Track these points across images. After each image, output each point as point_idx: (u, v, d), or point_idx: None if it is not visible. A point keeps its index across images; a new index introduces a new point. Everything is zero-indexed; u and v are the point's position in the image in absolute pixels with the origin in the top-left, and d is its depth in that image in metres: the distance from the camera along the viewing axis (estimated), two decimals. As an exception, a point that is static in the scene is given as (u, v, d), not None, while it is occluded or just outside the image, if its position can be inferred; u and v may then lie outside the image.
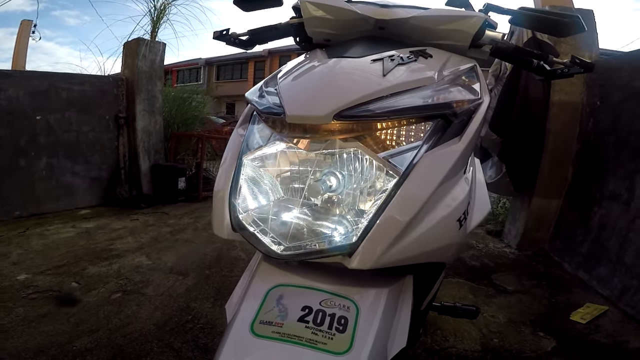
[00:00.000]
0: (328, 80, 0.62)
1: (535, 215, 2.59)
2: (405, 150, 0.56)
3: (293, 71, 0.68)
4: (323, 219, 0.57)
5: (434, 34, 0.79)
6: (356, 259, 0.52)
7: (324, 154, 0.58)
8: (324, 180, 0.58)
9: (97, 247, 2.55)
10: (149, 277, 2.08)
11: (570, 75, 0.87)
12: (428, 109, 0.58)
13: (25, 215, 3.21)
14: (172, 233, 2.92)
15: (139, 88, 3.87)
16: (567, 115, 2.48)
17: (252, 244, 0.58)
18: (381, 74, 0.61)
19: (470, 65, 0.73)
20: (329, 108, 0.53)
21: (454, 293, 1.99)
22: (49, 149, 3.42)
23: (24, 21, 6.49)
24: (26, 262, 2.25)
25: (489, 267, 2.39)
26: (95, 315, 1.66)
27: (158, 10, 4.09)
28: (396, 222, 0.52)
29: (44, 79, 3.42)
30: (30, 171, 3.30)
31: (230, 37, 0.99)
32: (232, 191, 0.61)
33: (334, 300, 0.56)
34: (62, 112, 3.49)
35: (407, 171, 0.54)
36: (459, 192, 0.60)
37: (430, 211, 0.55)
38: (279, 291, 0.58)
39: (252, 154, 0.62)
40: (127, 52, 3.98)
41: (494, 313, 1.78)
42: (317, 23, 0.85)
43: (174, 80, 13.41)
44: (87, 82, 3.69)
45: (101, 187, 3.79)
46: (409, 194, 0.53)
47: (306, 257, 0.55)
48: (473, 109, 0.63)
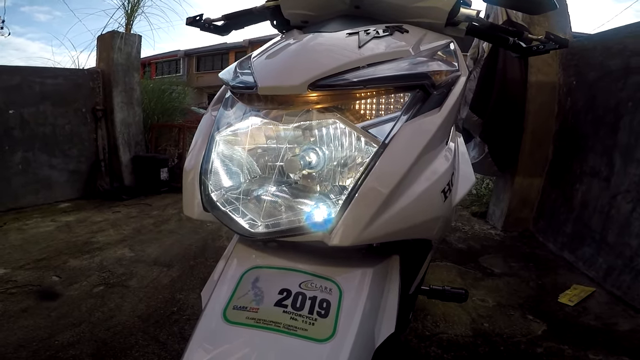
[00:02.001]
0: (303, 52, 0.60)
1: (519, 195, 2.63)
2: (384, 121, 0.55)
3: (268, 50, 0.66)
4: (301, 196, 0.54)
5: (410, 12, 0.78)
6: (337, 235, 0.49)
7: (301, 127, 0.55)
8: (302, 155, 0.55)
9: (78, 240, 2.49)
10: (132, 269, 2.04)
11: (546, 51, 0.88)
12: (406, 79, 0.56)
13: (2, 210, 3.12)
14: (155, 224, 2.87)
15: (116, 80, 3.80)
16: (544, 95, 2.51)
17: (225, 223, 0.55)
18: (356, 46, 0.59)
19: (447, 41, 0.72)
20: (303, 77, 0.51)
21: (442, 277, 2.00)
22: (24, 142, 3.33)
23: None
24: (4, 257, 2.19)
25: (476, 249, 2.41)
26: (77, 309, 1.62)
27: (132, 3, 4.01)
28: (377, 193, 0.49)
29: (15, 74, 3.33)
30: (5, 165, 3.20)
31: (204, 23, 0.96)
32: (204, 169, 0.58)
33: (314, 281, 0.53)
34: (36, 106, 3.40)
35: (387, 141, 0.52)
36: (442, 162, 0.58)
37: (412, 182, 0.52)
38: (254, 274, 0.55)
39: (225, 131, 0.59)
40: (102, 46, 3.91)
41: (482, 297, 1.78)
42: (293, 4, 0.84)
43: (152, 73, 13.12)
44: (60, 76, 3.61)
45: (81, 179, 3.70)
46: (389, 164, 0.51)
47: (283, 235, 0.52)
48: (451, 81, 0.62)
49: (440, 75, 0.60)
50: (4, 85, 3.22)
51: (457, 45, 0.74)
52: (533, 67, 2.47)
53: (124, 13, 4.06)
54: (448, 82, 0.61)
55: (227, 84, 0.62)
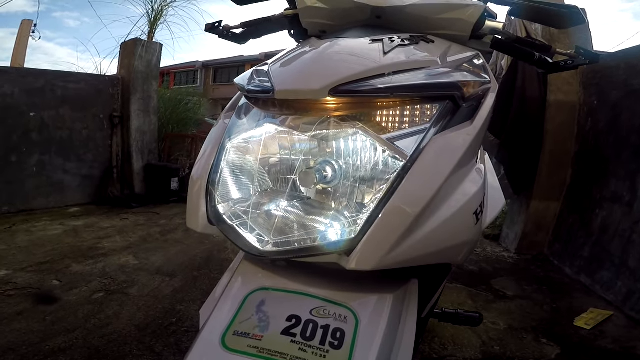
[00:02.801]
0: (323, 57, 0.55)
1: (534, 219, 2.53)
2: (411, 133, 0.50)
3: (285, 56, 0.62)
4: (315, 213, 0.49)
5: (433, 24, 0.75)
6: (355, 258, 0.44)
7: (318, 137, 0.51)
8: (317, 169, 0.50)
9: (83, 245, 2.48)
10: (134, 277, 2.01)
11: (575, 67, 0.83)
12: (435, 88, 0.52)
13: (13, 211, 3.16)
14: (162, 233, 2.85)
15: (135, 88, 3.85)
16: (564, 115, 2.43)
17: (231, 239, 0.50)
18: (381, 53, 0.55)
19: (474, 53, 0.68)
20: (324, 82, 0.46)
21: (452, 299, 1.92)
22: (42, 145, 3.39)
23: (24, 21, 6.56)
24: (8, 258, 2.19)
25: (488, 272, 2.32)
26: (74, 314, 1.59)
27: (155, 12, 4.11)
28: (404, 214, 0.44)
29: (40, 77, 3.42)
30: (21, 167, 3.26)
31: (223, 30, 0.94)
32: (211, 179, 0.53)
33: (328, 308, 0.47)
34: (56, 110, 3.47)
35: (415, 155, 0.47)
36: (474, 181, 0.53)
37: (443, 203, 0.47)
38: (260, 296, 0.49)
39: (237, 139, 0.55)
40: (124, 52, 3.98)
41: (494, 319, 1.71)
42: (311, 13, 0.81)
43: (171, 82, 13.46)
44: (82, 81, 3.68)
45: (93, 185, 3.74)
46: (417, 181, 0.46)
47: (294, 255, 0.47)
48: (482, 94, 0.58)
49: (470, 86, 0.55)
50: (28, 88, 3.30)
51: (483, 57, 0.70)
52: (552, 85, 2.40)
53: (147, 21, 4.17)
54: (479, 94, 0.57)
55: (243, 88, 0.58)
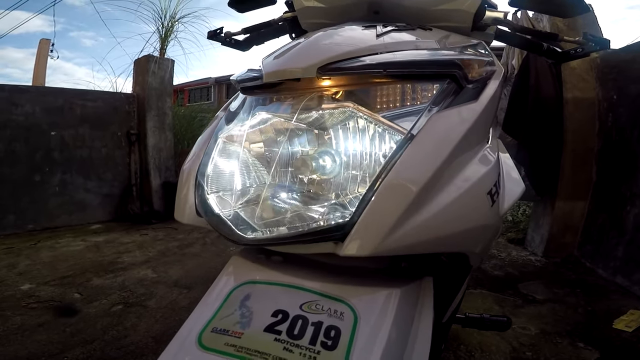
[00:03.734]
0: (313, 39, 0.54)
1: (561, 220, 2.43)
2: (409, 112, 0.47)
3: (280, 49, 0.61)
4: (312, 203, 0.46)
5: (433, 16, 0.74)
6: (349, 242, 0.39)
7: (314, 123, 0.48)
8: (314, 157, 0.48)
9: (104, 260, 2.51)
10: (152, 289, 2.02)
11: (585, 54, 0.80)
12: (433, 65, 0.48)
13: (38, 228, 3.24)
14: (180, 247, 2.87)
15: (150, 105, 3.90)
16: (583, 112, 2.35)
17: (215, 228, 0.46)
18: (374, 35, 0.53)
19: (476, 41, 0.66)
20: (312, 60, 0.45)
21: (477, 305, 1.84)
22: (63, 164, 3.46)
23: (42, 40, 6.60)
24: (32, 272, 2.24)
25: (514, 276, 2.23)
26: (93, 326, 1.59)
27: (166, 28, 4.17)
28: (404, 191, 0.40)
29: (58, 95, 3.50)
30: (45, 187, 3.34)
31: (225, 37, 0.95)
32: (201, 171, 0.51)
33: (321, 302, 0.42)
34: (75, 128, 3.54)
35: (415, 130, 0.43)
36: (484, 161, 0.49)
37: (450, 181, 0.43)
38: (246, 289, 0.45)
39: (229, 130, 0.53)
40: (138, 69, 4.03)
41: (524, 324, 1.62)
42: (310, 13, 0.82)
43: (185, 100, 13.73)
44: (100, 99, 3.74)
45: (113, 203, 3.80)
46: (418, 155, 0.41)
47: (283, 242, 0.43)
48: (487, 75, 0.54)
49: (473, 67, 0.51)
50: (48, 107, 3.38)
51: (488, 47, 0.67)
52: (568, 83, 2.34)
53: (158, 38, 4.22)
54: (482, 77, 0.53)
55: (235, 81, 0.57)
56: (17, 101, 3.21)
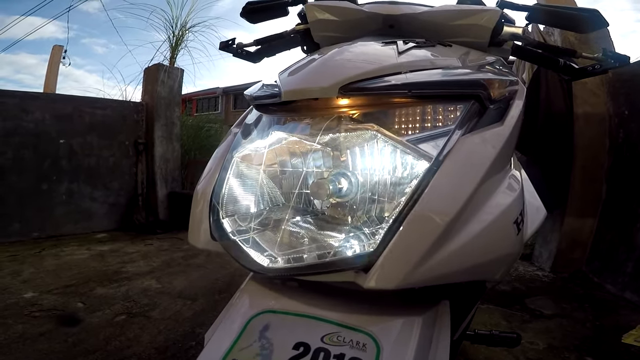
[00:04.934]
0: (333, 58, 0.52)
1: (569, 236, 2.40)
2: (434, 136, 0.45)
3: (295, 64, 0.60)
4: (329, 228, 0.45)
5: (450, 31, 0.73)
6: (375, 275, 0.38)
7: (333, 144, 0.46)
8: (331, 180, 0.46)
9: (108, 269, 2.51)
10: (156, 300, 2.00)
11: (604, 71, 0.78)
12: (458, 86, 0.47)
13: (43, 236, 3.24)
14: (184, 258, 2.86)
15: (158, 114, 3.89)
16: (593, 128, 2.34)
17: (233, 255, 0.45)
18: (395, 53, 0.52)
19: (494, 58, 0.65)
20: (333, 79, 0.43)
21: (484, 320, 1.81)
22: (71, 173, 3.47)
23: (55, 46, 6.59)
24: (36, 280, 2.23)
25: (521, 291, 2.20)
26: (95, 336, 1.57)
27: (176, 37, 4.19)
28: (432, 223, 0.39)
29: (68, 103, 3.51)
30: (51, 195, 3.35)
31: (236, 48, 0.95)
32: (216, 193, 0.50)
33: (342, 334, 0.41)
34: (84, 136, 3.54)
35: (442, 157, 0.42)
36: (511, 188, 0.47)
37: (477, 211, 0.42)
38: (264, 319, 0.44)
39: (244, 150, 0.52)
40: (147, 78, 4.02)
41: (531, 339, 1.60)
42: (323, 26, 0.81)
43: (193, 109, 13.81)
44: (109, 107, 3.75)
45: (119, 212, 3.80)
46: (446, 185, 0.40)
47: (303, 272, 0.43)
48: (510, 95, 0.53)
49: (496, 86, 0.50)
50: (58, 114, 3.38)
51: (506, 64, 0.67)
52: (578, 97, 2.32)
53: (168, 46, 4.24)
54: (506, 96, 0.52)
55: (251, 98, 0.56)
56: (27, 108, 3.24)
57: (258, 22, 0.95)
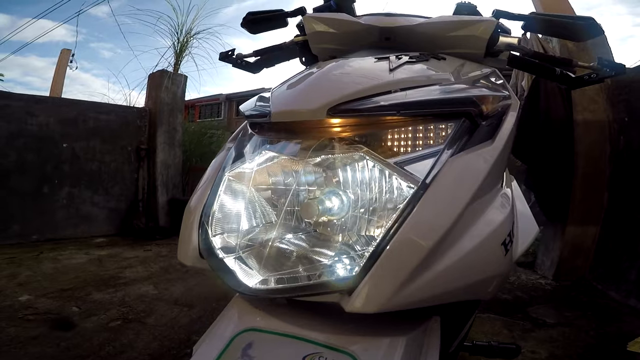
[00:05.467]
0: (324, 76, 0.53)
1: (571, 244, 2.37)
2: (424, 156, 0.45)
3: (290, 80, 0.60)
4: (319, 246, 0.46)
5: (445, 42, 0.73)
6: (356, 298, 0.38)
7: (322, 165, 0.47)
8: (321, 199, 0.46)
9: (105, 274, 2.50)
10: (152, 306, 1.99)
11: (600, 80, 0.78)
12: (448, 104, 0.47)
13: (42, 239, 3.25)
14: (183, 264, 2.84)
15: (161, 120, 3.91)
16: (593, 135, 2.32)
17: (219, 275, 0.45)
18: (387, 69, 0.52)
19: (490, 69, 0.64)
20: (322, 101, 0.43)
21: (485, 329, 1.78)
22: (72, 177, 3.48)
23: (63, 50, 6.56)
24: (32, 283, 2.23)
25: (524, 300, 2.17)
26: (89, 341, 1.56)
27: (181, 43, 4.20)
28: (416, 247, 0.39)
29: (73, 107, 3.54)
30: (52, 199, 3.36)
31: (236, 59, 0.96)
32: (206, 211, 0.50)
33: (324, 354, 0.41)
34: (87, 141, 3.56)
35: (428, 180, 0.42)
36: (500, 209, 0.47)
37: (464, 233, 0.42)
38: (249, 337, 0.44)
39: (236, 168, 0.52)
40: (152, 84, 4.04)
41: (533, 348, 1.57)
42: (321, 38, 0.82)
43: (196, 116, 13.87)
44: (113, 112, 3.77)
45: (119, 217, 3.80)
46: (432, 209, 0.40)
47: (287, 294, 0.43)
48: (502, 110, 0.53)
49: (488, 103, 0.50)
50: (62, 118, 3.41)
51: (500, 74, 0.66)
52: (578, 105, 2.31)
53: (173, 53, 4.24)
54: (498, 111, 0.52)
55: (244, 114, 0.56)
56: (32, 111, 3.27)
57: (258, 33, 0.96)
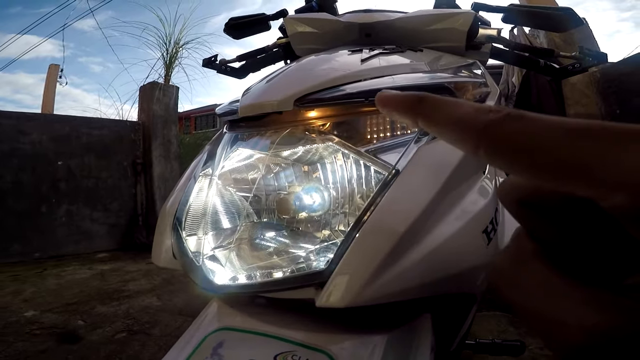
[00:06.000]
0: (293, 69, 0.53)
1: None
2: (395, 144, 0.44)
3: (267, 77, 0.59)
4: (293, 241, 0.44)
5: (425, 36, 0.74)
6: (327, 292, 0.36)
7: (292, 155, 0.46)
8: (298, 195, 0.45)
9: (109, 287, 2.50)
10: (157, 317, 1.99)
11: (583, 69, 0.80)
12: (422, 90, 0.47)
13: (44, 257, 3.24)
14: (185, 275, 2.80)
15: (155, 133, 3.86)
16: (586, 129, 2.35)
17: (189, 274, 0.43)
18: (358, 61, 0.51)
19: (470, 61, 0.64)
20: (288, 92, 0.43)
21: (490, 327, 1.77)
22: (70, 195, 3.46)
23: (51, 65, 6.51)
24: (37, 299, 2.23)
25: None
26: (96, 353, 1.56)
27: (170, 54, 4.19)
28: (386, 233, 0.36)
29: (65, 123, 3.50)
30: (51, 217, 3.35)
31: (220, 65, 0.96)
32: (180, 212, 0.48)
33: (298, 353, 0.38)
34: (82, 157, 3.53)
35: (399, 166, 0.40)
36: (480, 195, 0.45)
37: (440, 220, 0.40)
38: (220, 336, 0.42)
39: (209, 167, 0.51)
40: (143, 96, 3.97)
41: (541, 344, 1.53)
42: (303, 39, 0.82)
43: (191, 127, 13.79)
44: (105, 127, 3.73)
45: (119, 232, 3.79)
46: (402, 195, 0.38)
47: (260, 289, 0.40)
48: (480, 98, 0.52)
49: (465, 90, 0.49)
50: (55, 135, 3.36)
51: (483, 67, 0.66)
52: (569, 99, 2.35)
53: (163, 64, 4.21)
54: (476, 99, 0.51)
55: (217, 114, 0.56)
56: (24, 129, 3.23)
57: (241, 38, 0.96)
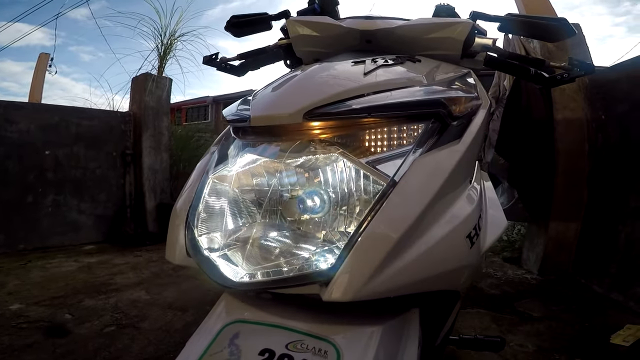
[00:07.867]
0: (302, 81, 0.56)
1: (555, 239, 2.45)
2: (393, 156, 0.49)
3: (272, 84, 0.63)
4: (302, 242, 0.49)
5: (423, 44, 0.76)
6: (332, 288, 0.41)
7: (303, 166, 0.50)
8: (301, 198, 0.50)
9: (96, 281, 2.47)
10: (146, 311, 1.98)
11: (571, 79, 0.83)
12: (418, 106, 0.50)
13: (29, 248, 3.18)
14: (174, 269, 2.81)
15: (146, 124, 3.82)
16: (573, 133, 2.40)
17: (205, 271, 0.48)
18: (361, 73, 0.55)
19: (464, 71, 0.68)
20: (298, 105, 0.47)
21: (474, 324, 1.83)
22: (57, 185, 3.41)
23: (42, 54, 6.47)
24: (22, 292, 2.20)
25: (511, 294, 2.23)
26: (84, 347, 1.55)
27: (165, 46, 4.13)
28: (384, 238, 0.42)
29: (54, 113, 3.44)
30: (37, 207, 3.29)
31: (220, 62, 0.97)
32: (192, 211, 0.52)
33: (306, 342, 0.44)
34: (70, 147, 3.48)
35: (396, 177, 0.45)
36: (466, 203, 0.51)
37: (430, 226, 0.45)
38: (235, 328, 0.47)
39: (219, 170, 0.55)
40: (135, 88, 3.95)
41: (521, 342, 1.62)
42: (304, 42, 0.84)
43: (183, 118, 13.59)
44: (96, 117, 3.68)
45: (107, 224, 3.74)
46: (399, 203, 0.44)
47: (269, 287, 0.46)
48: (472, 111, 0.56)
49: (458, 104, 0.54)
50: (43, 124, 3.31)
51: (475, 75, 0.70)
52: (558, 103, 2.40)
53: (157, 55, 4.16)
54: (468, 112, 0.55)
55: (225, 118, 0.59)
56: (11, 118, 3.17)
57: (242, 36, 0.98)
